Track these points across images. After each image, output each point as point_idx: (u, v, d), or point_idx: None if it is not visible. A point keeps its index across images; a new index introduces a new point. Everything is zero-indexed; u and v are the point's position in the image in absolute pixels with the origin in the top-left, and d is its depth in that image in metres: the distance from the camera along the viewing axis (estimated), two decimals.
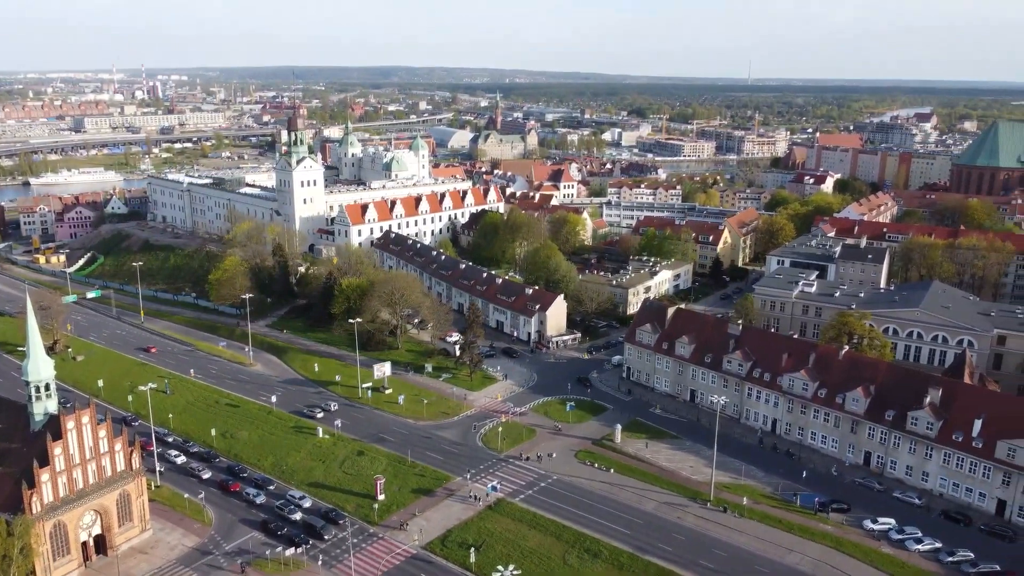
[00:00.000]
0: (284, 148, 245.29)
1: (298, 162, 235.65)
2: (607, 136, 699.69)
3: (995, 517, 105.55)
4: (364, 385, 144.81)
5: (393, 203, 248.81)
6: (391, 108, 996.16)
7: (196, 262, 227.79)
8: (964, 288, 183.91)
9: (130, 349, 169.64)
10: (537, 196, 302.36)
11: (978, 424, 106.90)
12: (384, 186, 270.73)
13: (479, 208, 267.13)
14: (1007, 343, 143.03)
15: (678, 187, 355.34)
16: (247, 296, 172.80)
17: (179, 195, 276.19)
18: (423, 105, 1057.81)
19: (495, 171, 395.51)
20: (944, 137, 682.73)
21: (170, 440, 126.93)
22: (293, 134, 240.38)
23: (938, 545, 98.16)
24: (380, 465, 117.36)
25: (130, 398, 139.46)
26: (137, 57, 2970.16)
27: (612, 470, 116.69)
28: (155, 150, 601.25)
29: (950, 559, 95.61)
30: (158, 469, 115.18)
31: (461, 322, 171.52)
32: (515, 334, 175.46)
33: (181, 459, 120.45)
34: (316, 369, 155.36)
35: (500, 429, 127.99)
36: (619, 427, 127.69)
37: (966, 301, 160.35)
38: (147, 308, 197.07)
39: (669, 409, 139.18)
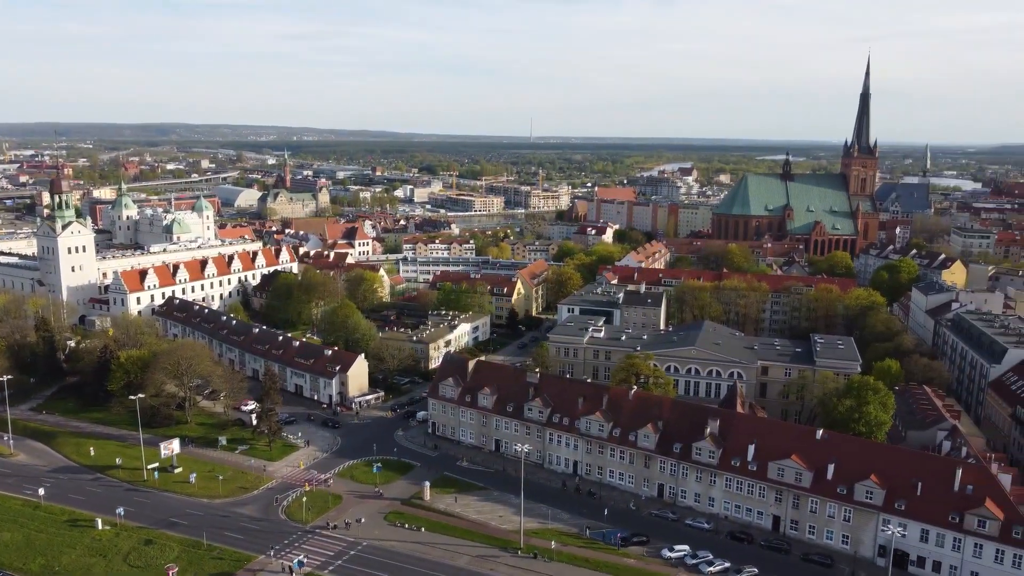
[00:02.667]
0: (47, 211, 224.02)
1: (64, 226, 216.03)
2: (399, 193, 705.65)
3: (772, 532, 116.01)
4: (150, 466, 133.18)
5: (176, 267, 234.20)
6: (170, 167, 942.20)
7: None
8: (731, 325, 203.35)
9: None
10: (332, 254, 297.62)
11: (752, 449, 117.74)
12: (165, 249, 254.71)
13: (271, 269, 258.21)
14: (769, 372, 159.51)
15: (471, 241, 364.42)
16: (4, 379, 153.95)
17: None
18: (206, 164, 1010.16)
19: (287, 230, 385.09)
20: (704, 189, 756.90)
21: None
22: (57, 196, 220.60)
23: (727, 565, 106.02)
24: (172, 553, 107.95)
25: None
26: None
27: (423, 529, 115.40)
28: None
29: None
30: None
31: (257, 389, 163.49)
32: (316, 397, 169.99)
33: None
34: (92, 453, 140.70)
35: (304, 499, 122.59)
36: (427, 484, 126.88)
37: (733, 337, 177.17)
38: None
39: (476, 461, 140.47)
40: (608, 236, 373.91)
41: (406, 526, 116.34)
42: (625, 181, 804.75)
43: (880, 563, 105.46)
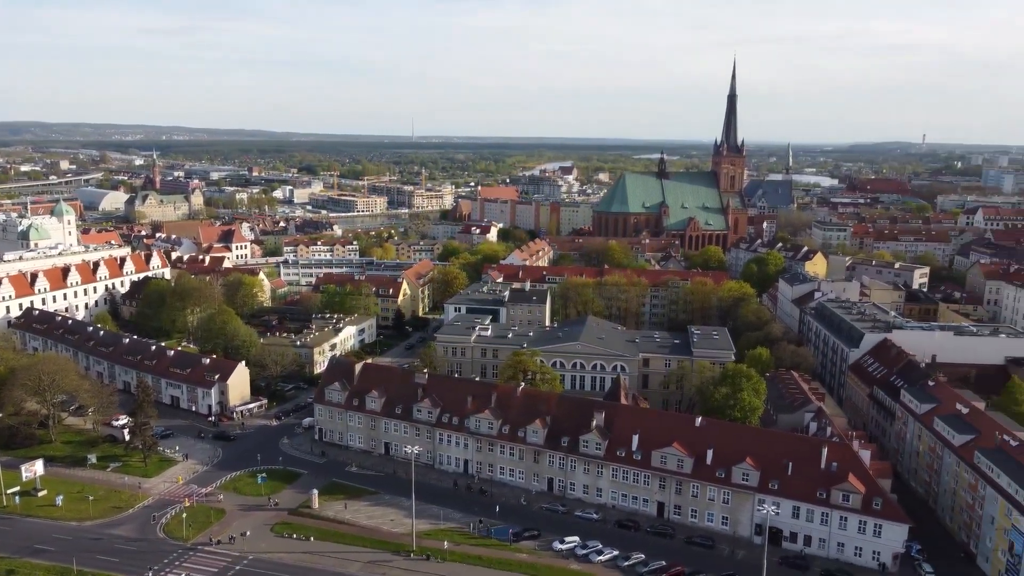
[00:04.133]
0: None
1: None
2: (278, 194, 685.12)
3: (657, 518, 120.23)
4: (10, 490, 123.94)
5: (34, 276, 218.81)
6: (24, 169, 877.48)
7: None
8: (613, 320, 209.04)
9: None
10: (207, 259, 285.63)
11: (636, 439, 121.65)
12: (21, 257, 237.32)
13: (142, 275, 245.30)
14: (650, 364, 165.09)
15: (355, 242, 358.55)
16: None
17: None
18: (65, 165, 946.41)
19: (157, 234, 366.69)
20: (584, 187, 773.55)
21: None
22: None
23: (616, 553, 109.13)
24: None
25: None
26: None
27: (312, 538, 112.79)
28: None
29: (626, 563, 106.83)
30: None
31: (129, 403, 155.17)
32: (194, 408, 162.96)
33: None
34: None
35: (184, 515, 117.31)
36: (315, 492, 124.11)
37: (616, 331, 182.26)
38: None
39: (365, 465, 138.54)
40: (492, 235, 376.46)
41: (294, 536, 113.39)
42: (507, 180, 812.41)
43: (757, 541, 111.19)
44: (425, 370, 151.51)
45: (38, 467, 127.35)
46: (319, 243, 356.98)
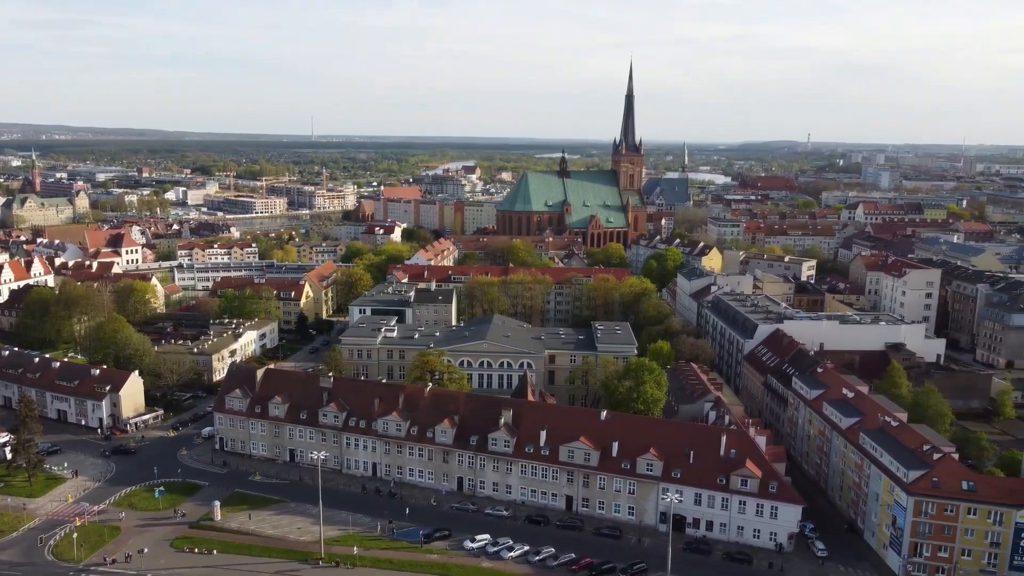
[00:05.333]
0: None
1: None
2: (171, 195, 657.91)
3: (566, 512, 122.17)
4: None
5: None
6: None
7: None
8: (519, 317, 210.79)
9: None
10: (95, 265, 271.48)
11: (543, 435, 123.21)
12: None
13: (22, 283, 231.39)
14: (556, 361, 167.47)
15: (254, 244, 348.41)
16: None
17: None
18: None
19: (39, 240, 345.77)
20: (488, 187, 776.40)
21: None
22: None
23: (527, 548, 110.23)
24: None
25: None
26: None
27: (215, 551, 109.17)
28: None
29: (537, 558, 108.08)
30: None
31: (11, 419, 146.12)
32: (84, 422, 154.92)
33: None
34: None
35: (75, 535, 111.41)
36: (217, 504, 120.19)
37: (521, 329, 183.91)
38: None
39: (269, 474, 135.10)
40: (396, 235, 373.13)
41: (196, 551, 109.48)
42: (411, 180, 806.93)
43: (662, 529, 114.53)
44: (330, 374, 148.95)
45: None
46: (216, 246, 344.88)
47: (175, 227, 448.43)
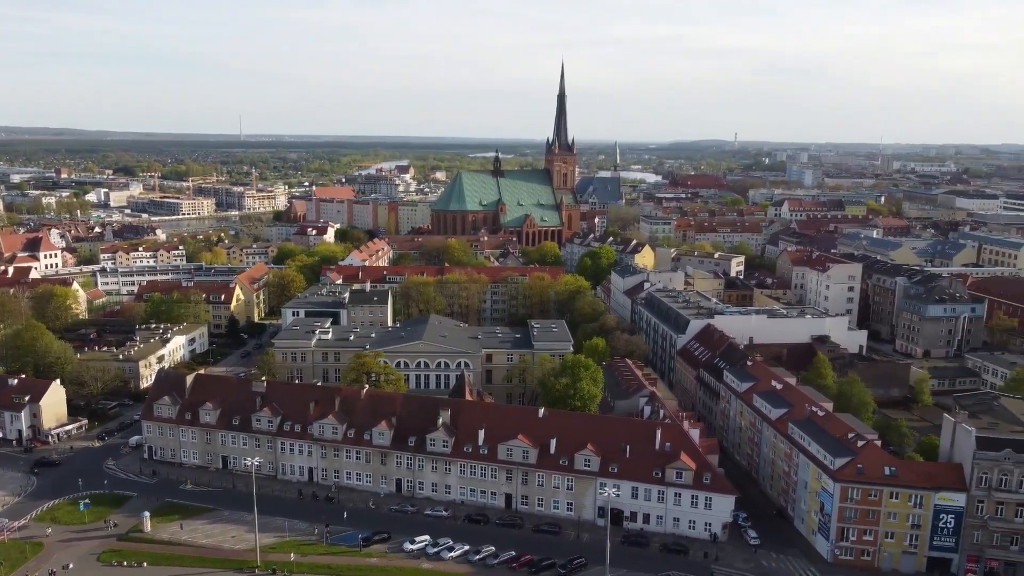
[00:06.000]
0: None
1: None
2: (92, 197, 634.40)
3: (505, 510, 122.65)
4: None
5: None
6: None
7: None
8: (455, 317, 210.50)
9: None
10: (11, 270, 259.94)
11: (482, 434, 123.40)
12: None
13: None
14: (493, 359, 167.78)
15: (181, 247, 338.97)
16: None
17: None
18: None
19: None
20: (422, 186, 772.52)
21: None
22: None
23: (467, 548, 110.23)
24: None
25: None
26: None
27: (145, 564, 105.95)
28: None
29: (477, 557, 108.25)
30: None
31: None
32: (2, 435, 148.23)
33: None
34: None
35: None
36: (147, 514, 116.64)
37: (458, 328, 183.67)
38: None
39: (201, 482, 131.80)
40: (330, 236, 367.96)
41: (124, 564, 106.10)
42: (343, 180, 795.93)
43: (600, 523, 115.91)
44: (263, 378, 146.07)
45: None
46: (141, 249, 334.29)
47: (97, 230, 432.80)
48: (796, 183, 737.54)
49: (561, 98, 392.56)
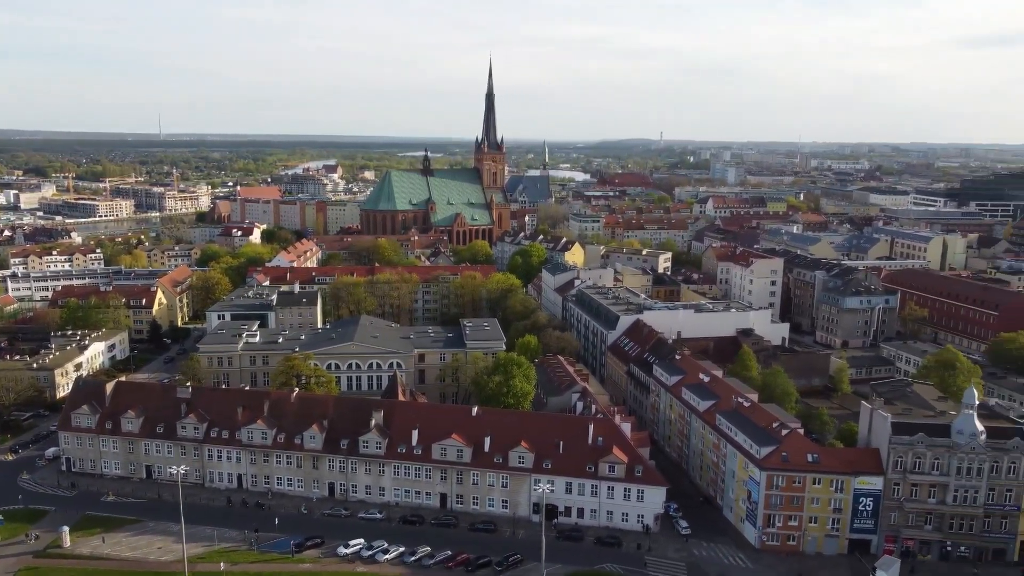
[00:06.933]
0: None
1: None
2: (1, 199, 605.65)
3: (441, 510, 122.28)
4: None
5: None
6: None
7: None
8: (387, 317, 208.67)
9: None
10: None
11: (415, 434, 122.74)
12: None
13: None
14: (426, 359, 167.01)
15: (98, 250, 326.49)
16: None
17: None
18: None
19: None
20: (350, 185, 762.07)
21: None
22: None
23: (402, 549, 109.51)
24: None
25: None
26: None
27: None
28: None
29: (413, 558, 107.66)
30: None
31: None
32: None
33: None
34: None
35: None
36: (66, 529, 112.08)
37: (390, 329, 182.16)
38: None
39: (124, 493, 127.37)
40: (256, 236, 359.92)
41: None
42: (269, 180, 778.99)
43: (535, 519, 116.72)
44: (188, 383, 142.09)
45: None
46: (55, 252, 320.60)
47: (7, 233, 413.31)
48: (720, 181, 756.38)
49: (490, 97, 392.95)
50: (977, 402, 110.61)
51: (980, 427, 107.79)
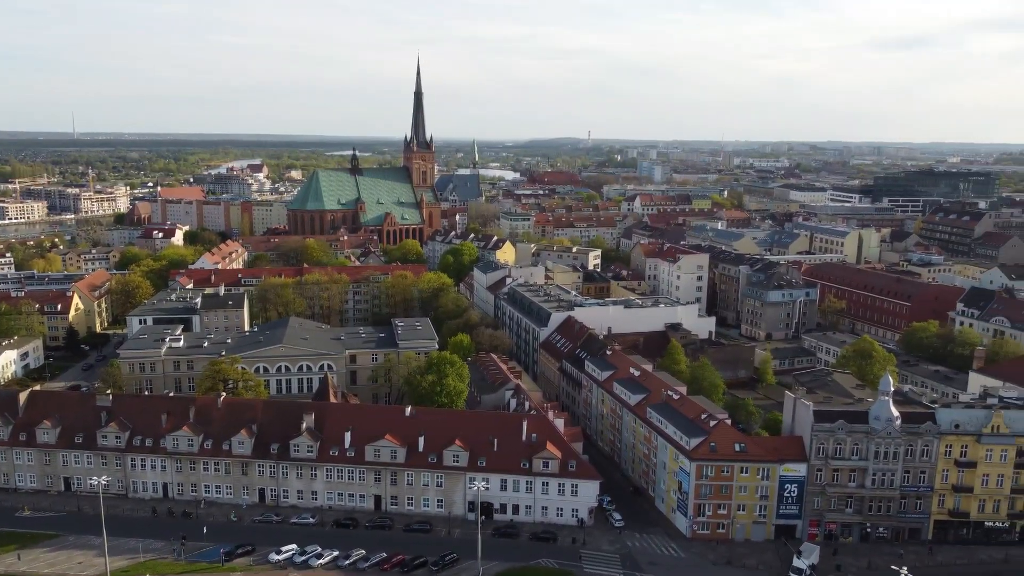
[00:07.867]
0: None
1: None
2: None
3: (375, 512, 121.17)
4: None
5: None
6: None
7: None
8: (316, 319, 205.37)
9: None
10: None
11: (348, 436, 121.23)
12: None
13: None
14: (357, 360, 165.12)
15: (8, 254, 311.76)
16: None
17: None
18: None
19: None
20: (277, 185, 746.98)
21: None
22: None
23: (336, 553, 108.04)
24: None
25: None
26: None
27: None
28: None
29: (347, 562, 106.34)
30: None
31: None
32: None
33: None
34: None
35: None
36: None
37: (320, 330, 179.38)
38: None
39: (41, 507, 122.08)
40: (178, 238, 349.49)
41: None
42: (191, 180, 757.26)
43: (471, 517, 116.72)
44: (108, 391, 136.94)
45: None
46: None
47: None
48: (646, 179, 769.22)
49: (418, 96, 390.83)
50: (892, 389, 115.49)
51: (895, 413, 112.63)
